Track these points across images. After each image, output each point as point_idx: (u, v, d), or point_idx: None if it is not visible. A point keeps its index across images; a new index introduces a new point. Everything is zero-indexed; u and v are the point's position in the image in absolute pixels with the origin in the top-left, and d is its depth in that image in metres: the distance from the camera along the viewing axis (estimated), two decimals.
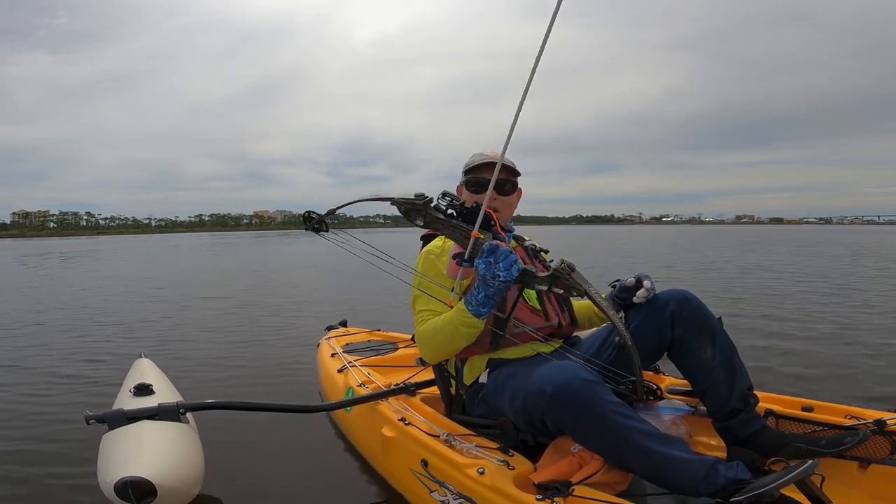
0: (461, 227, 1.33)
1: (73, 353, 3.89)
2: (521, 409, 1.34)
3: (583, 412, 1.19)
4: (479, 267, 1.28)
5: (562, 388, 1.20)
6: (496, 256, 1.26)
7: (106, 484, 1.36)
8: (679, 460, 1.15)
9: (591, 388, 1.20)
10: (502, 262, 1.25)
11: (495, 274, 1.26)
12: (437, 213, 1.34)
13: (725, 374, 1.41)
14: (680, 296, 1.47)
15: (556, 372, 1.23)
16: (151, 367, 2.24)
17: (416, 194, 1.34)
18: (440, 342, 1.44)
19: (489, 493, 1.23)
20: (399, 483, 1.66)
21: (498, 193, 1.58)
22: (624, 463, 1.22)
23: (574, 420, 1.21)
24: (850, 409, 1.49)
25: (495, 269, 1.26)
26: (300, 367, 3.35)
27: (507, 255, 1.26)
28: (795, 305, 5.59)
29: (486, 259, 1.27)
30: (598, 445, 1.23)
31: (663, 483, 1.18)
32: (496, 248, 1.26)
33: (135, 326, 5.02)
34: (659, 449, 1.16)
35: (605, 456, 1.24)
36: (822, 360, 3.41)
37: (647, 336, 1.47)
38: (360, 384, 2.01)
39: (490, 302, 1.33)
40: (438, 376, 1.67)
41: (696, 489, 1.13)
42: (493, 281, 1.27)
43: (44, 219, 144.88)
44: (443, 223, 1.34)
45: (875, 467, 1.33)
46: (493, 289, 1.30)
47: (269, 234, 69.81)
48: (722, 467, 1.14)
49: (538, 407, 1.25)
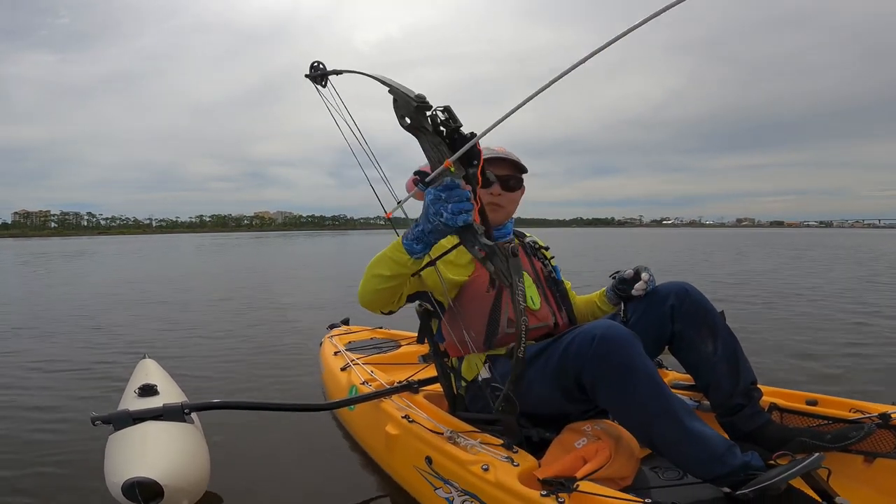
0: (441, 148, 1.17)
1: (77, 354, 3.89)
2: (554, 369, 1.30)
3: (625, 361, 1.18)
4: (427, 195, 1.17)
5: (608, 334, 1.19)
6: (449, 195, 1.13)
7: (113, 485, 1.36)
8: (702, 434, 1.15)
9: (636, 342, 1.21)
10: (451, 205, 1.13)
11: (439, 211, 1.14)
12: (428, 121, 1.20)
13: (728, 368, 1.41)
14: (680, 289, 1.46)
15: (601, 324, 1.23)
16: (156, 368, 2.24)
17: (417, 94, 1.19)
18: (370, 275, 1.35)
19: (493, 489, 1.23)
20: (404, 480, 1.66)
21: (503, 189, 1.57)
22: (647, 425, 1.20)
23: (615, 370, 1.19)
24: (855, 402, 1.48)
25: (441, 206, 1.14)
26: (303, 365, 3.35)
27: (462, 199, 1.13)
28: (796, 301, 5.59)
29: (438, 192, 1.14)
30: (629, 402, 1.20)
31: (681, 454, 1.17)
32: (455, 187, 1.14)
33: (139, 327, 5.02)
34: (685, 418, 1.16)
35: (632, 415, 1.22)
36: (827, 354, 3.41)
37: (647, 330, 1.46)
38: (363, 382, 2.01)
39: (425, 240, 1.22)
40: (441, 373, 1.67)
41: (711, 467, 1.13)
42: (433, 217, 1.16)
43: (45, 219, 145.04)
44: (426, 133, 1.19)
45: (881, 461, 1.33)
46: (432, 226, 1.18)
47: (269, 235, 69.77)
48: (738, 450, 1.15)
49: (579, 357, 1.23)
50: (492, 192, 1.56)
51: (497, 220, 1.59)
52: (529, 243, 1.70)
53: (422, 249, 1.25)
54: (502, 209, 1.59)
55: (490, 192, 1.55)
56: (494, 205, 1.57)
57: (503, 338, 1.49)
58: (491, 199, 1.56)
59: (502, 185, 1.56)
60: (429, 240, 1.22)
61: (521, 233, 1.74)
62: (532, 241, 1.72)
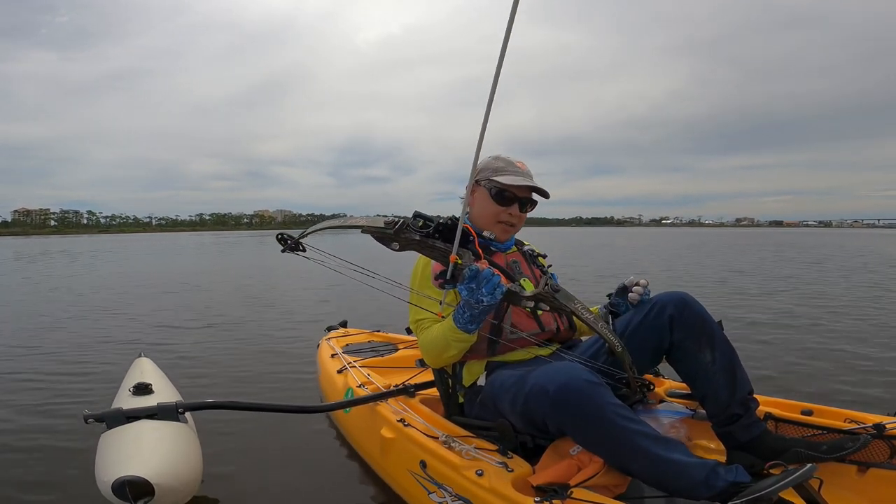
0: (438, 247, 1.28)
1: (72, 352, 3.89)
2: (521, 411, 1.34)
3: (584, 413, 1.18)
4: (461, 293, 1.27)
5: (564, 388, 1.19)
6: (478, 282, 1.23)
7: (103, 483, 1.36)
8: (679, 463, 1.15)
9: (593, 388, 1.19)
10: (485, 287, 1.23)
11: (479, 299, 1.24)
12: (413, 233, 1.28)
13: (726, 378, 1.41)
14: (678, 299, 1.46)
15: (558, 372, 1.23)
16: (151, 367, 2.24)
17: (385, 221, 1.29)
18: (437, 352, 1.47)
19: (487, 494, 1.23)
20: (397, 484, 1.65)
21: (519, 210, 1.60)
22: (624, 465, 1.22)
23: (575, 421, 1.21)
24: (850, 412, 1.48)
25: (478, 294, 1.24)
26: (300, 367, 3.35)
27: (490, 278, 1.24)
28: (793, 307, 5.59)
29: (468, 285, 1.25)
30: (598, 447, 1.23)
31: (663, 486, 1.18)
32: (477, 274, 1.23)
33: (135, 325, 5.02)
34: (659, 452, 1.16)
35: (606, 457, 1.24)
36: (821, 363, 3.41)
37: (646, 340, 1.46)
38: (359, 385, 2.01)
39: (477, 320, 1.34)
40: (438, 378, 1.67)
41: (696, 492, 1.13)
42: (477, 305, 1.27)
43: (45, 217, 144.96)
44: (420, 244, 1.29)
45: (874, 471, 1.33)
46: (479, 311, 1.31)
47: (269, 234, 69.88)
48: (721, 470, 1.13)
49: (539, 407, 1.25)
50: (510, 213, 1.59)
51: (505, 237, 1.63)
52: (528, 251, 1.72)
53: (477, 326, 1.37)
54: (514, 228, 1.63)
55: (509, 211, 1.58)
56: (508, 224, 1.60)
57: (507, 345, 1.50)
58: (507, 219, 1.59)
59: (520, 207, 1.60)
60: (481, 319, 1.35)
61: (520, 241, 1.76)
62: (530, 250, 1.73)
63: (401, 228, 1.27)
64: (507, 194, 1.57)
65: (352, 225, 1.35)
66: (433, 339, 1.46)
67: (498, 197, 1.57)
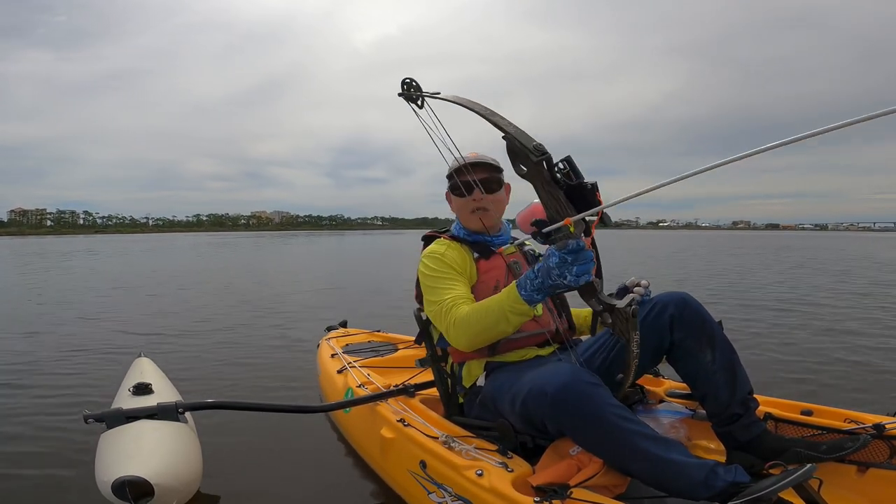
0: (559, 199, 1.19)
1: (72, 352, 3.88)
2: (520, 411, 1.33)
3: (583, 414, 1.18)
4: (551, 259, 1.21)
5: (562, 389, 1.19)
6: (576, 258, 1.17)
7: (103, 483, 1.36)
8: (678, 464, 1.15)
9: (592, 390, 1.19)
10: (577, 267, 1.17)
11: (564, 274, 1.19)
12: (546, 170, 1.20)
13: (726, 378, 1.41)
14: (679, 299, 1.46)
15: (557, 373, 1.23)
16: (151, 367, 2.24)
17: (535, 145, 1.20)
18: (483, 327, 1.37)
19: (487, 494, 1.23)
20: (397, 484, 1.65)
21: (485, 192, 1.59)
22: (623, 466, 1.22)
23: (574, 422, 1.21)
24: (849, 412, 1.49)
25: (566, 269, 1.18)
26: (300, 367, 3.35)
27: (587, 261, 1.18)
28: (794, 308, 5.61)
29: (564, 254, 1.18)
30: (597, 448, 1.23)
31: (662, 487, 1.18)
32: (580, 250, 1.17)
33: (135, 325, 5.01)
34: (658, 452, 1.16)
35: (605, 458, 1.24)
36: (820, 363, 3.41)
37: (647, 339, 1.46)
38: (359, 385, 2.01)
39: (545, 291, 1.26)
40: (437, 378, 1.67)
41: (695, 493, 1.13)
42: (557, 278, 1.20)
43: (41, 217, 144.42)
44: (546, 184, 1.19)
45: (873, 471, 1.33)
46: (553, 283, 1.22)
47: (266, 235, 69.72)
48: (721, 471, 1.13)
49: (538, 409, 1.25)
50: (473, 199, 1.59)
51: (489, 223, 1.62)
52: (528, 252, 1.71)
53: (542, 298, 1.28)
54: (489, 212, 1.62)
55: (472, 198, 1.59)
56: (480, 209, 1.60)
57: (507, 345, 1.50)
58: (475, 205, 1.59)
59: (485, 188, 1.59)
60: (550, 293, 1.26)
61: (521, 242, 1.75)
62: (530, 250, 1.73)
63: (546, 160, 1.20)
64: (461, 183, 1.58)
65: (494, 122, 1.26)
66: (483, 311, 1.37)
67: (455, 191, 1.61)
